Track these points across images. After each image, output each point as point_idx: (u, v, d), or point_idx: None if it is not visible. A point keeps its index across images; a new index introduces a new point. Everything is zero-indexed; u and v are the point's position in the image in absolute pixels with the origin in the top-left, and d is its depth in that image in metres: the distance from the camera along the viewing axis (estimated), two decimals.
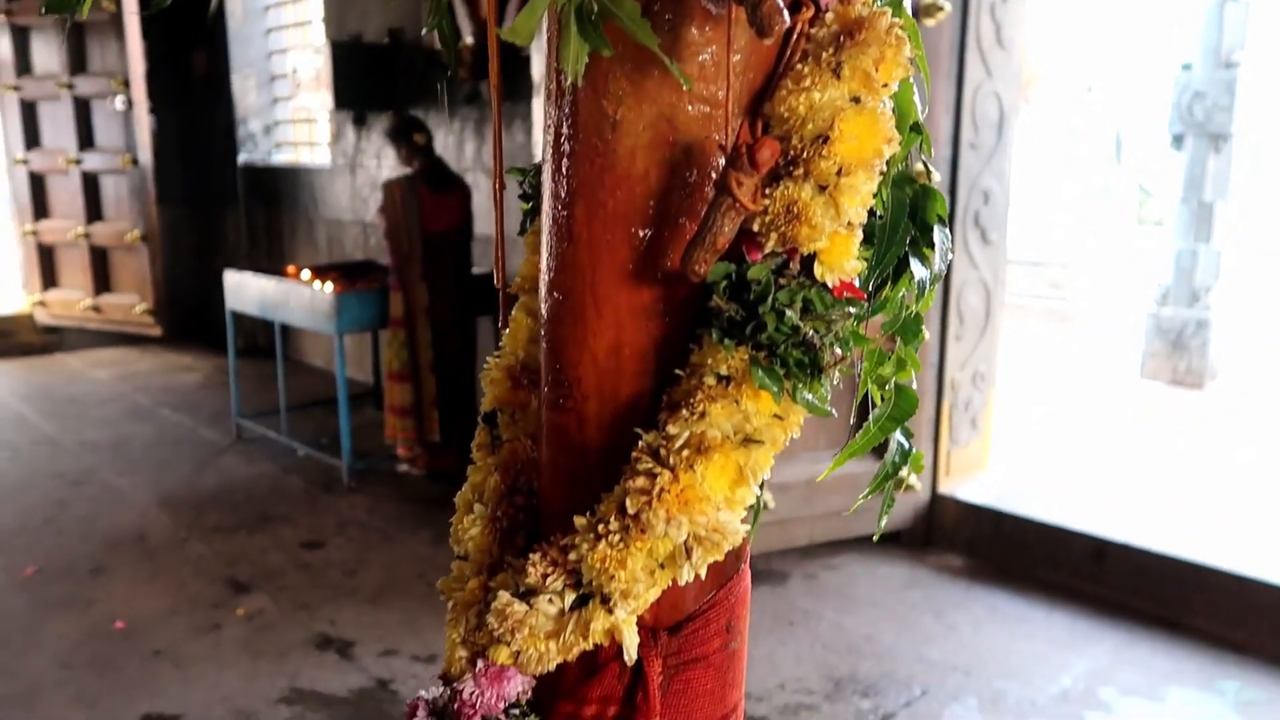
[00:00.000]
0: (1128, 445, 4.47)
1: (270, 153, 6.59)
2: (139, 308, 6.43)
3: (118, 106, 6.19)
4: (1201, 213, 5.69)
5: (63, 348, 6.88)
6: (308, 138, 6.36)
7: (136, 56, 6.06)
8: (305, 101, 5.66)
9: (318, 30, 5.85)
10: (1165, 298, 5.89)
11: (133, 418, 5.29)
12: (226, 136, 6.73)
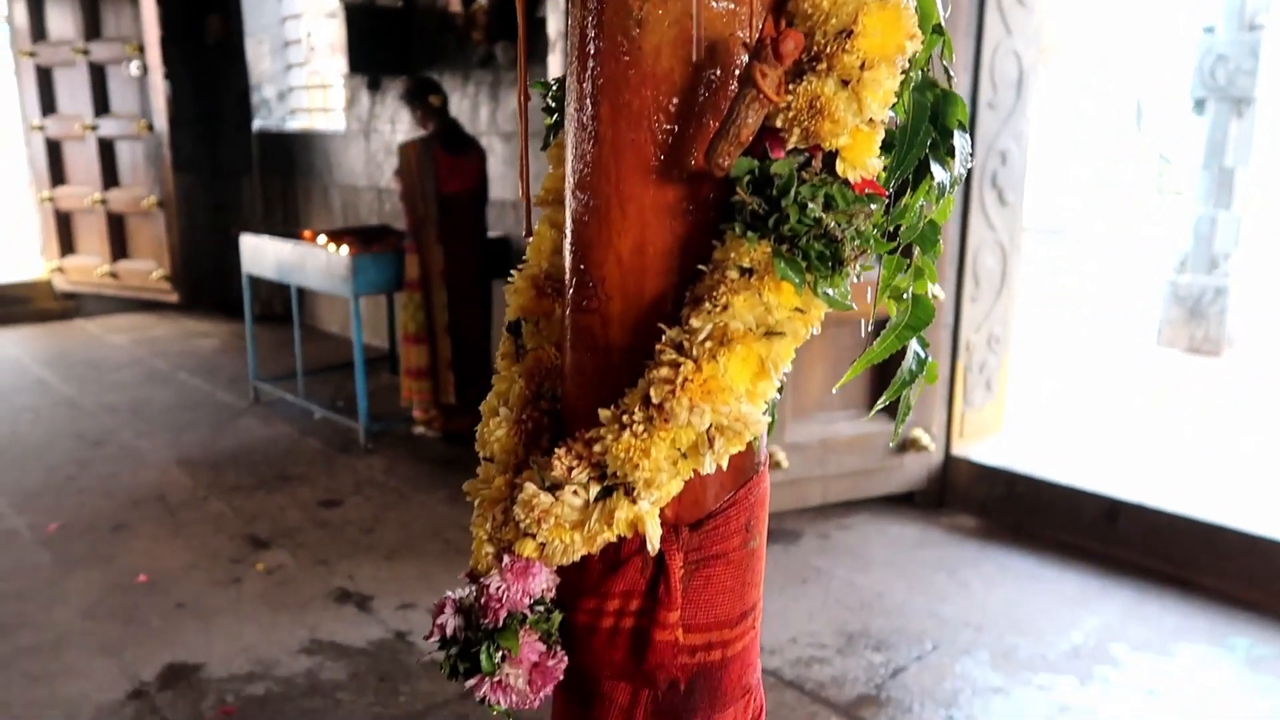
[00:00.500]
0: (1142, 410, 4.46)
1: (285, 119, 6.60)
2: (156, 273, 6.47)
3: (133, 72, 6.19)
4: (1222, 178, 5.63)
5: (81, 314, 6.94)
6: (322, 103, 6.35)
7: (151, 22, 6.06)
8: (319, 66, 5.66)
9: None
10: (1184, 265, 5.84)
11: (151, 381, 5.35)
12: (241, 103, 6.74)
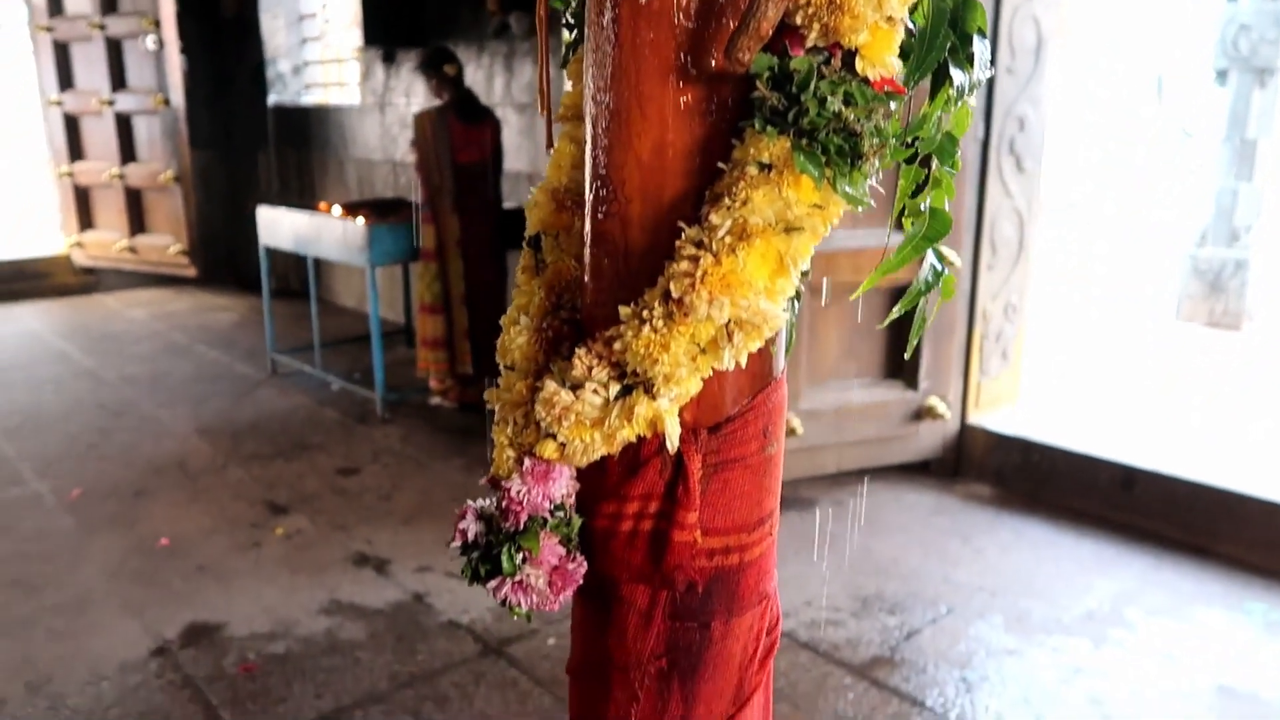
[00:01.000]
0: (1160, 382, 4.43)
1: (300, 93, 6.61)
2: (174, 248, 6.51)
3: (149, 46, 6.21)
4: (1244, 150, 5.57)
5: (100, 288, 7.00)
6: (337, 77, 6.36)
7: None
8: (334, 40, 5.66)
9: None
10: (1204, 238, 5.79)
11: (170, 354, 5.39)
12: (256, 77, 6.75)
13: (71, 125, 6.68)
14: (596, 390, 0.75)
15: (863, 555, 3.01)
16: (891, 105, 0.70)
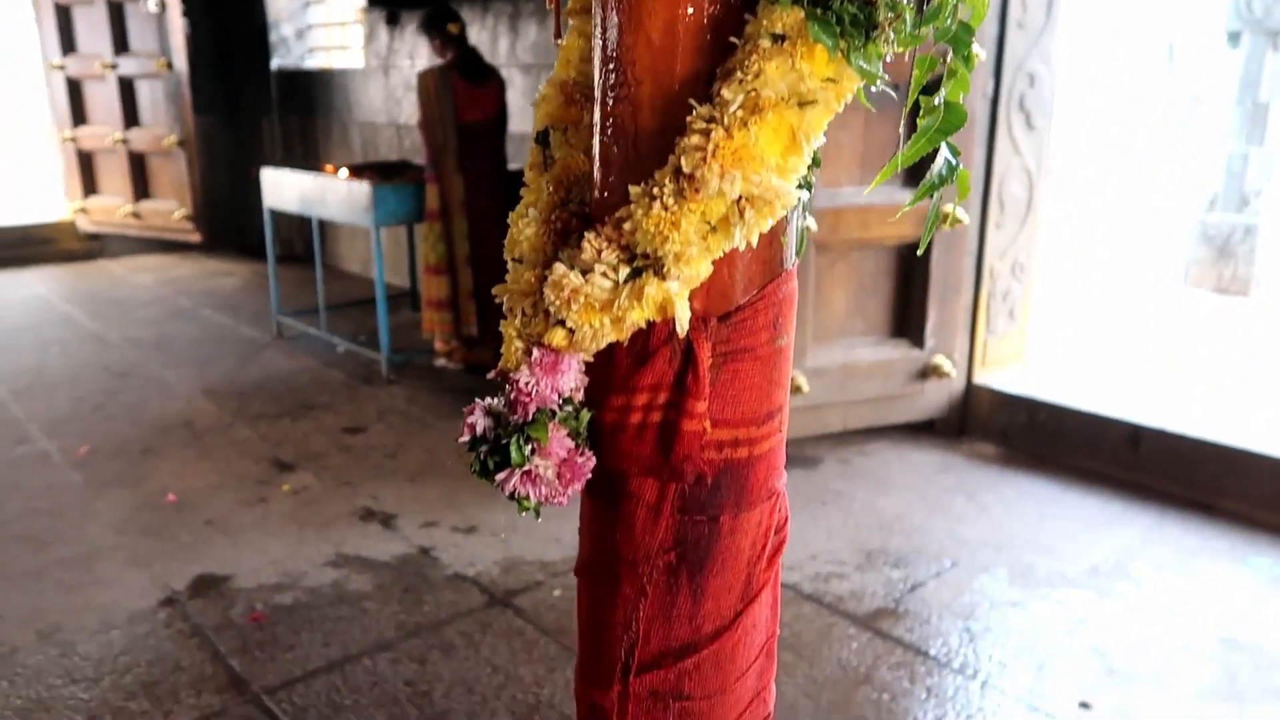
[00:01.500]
0: (1167, 343, 4.41)
1: (303, 57, 6.56)
2: (178, 214, 6.50)
3: (151, 9, 6.16)
4: (1256, 114, 5.51)
5: (105, 254, 7.00)
6: (340, 41, 6.31)
7: None
8: (337, 2, 5.61)
9: None
10: (1214, 203, 5.75)
11: (175, 318, 5.40)
12: (259, 41, 6.70)
13: (74, 90, 6.65)
14: (606, 273, 0.74)
15: (867, 511, 3.01)
16: None
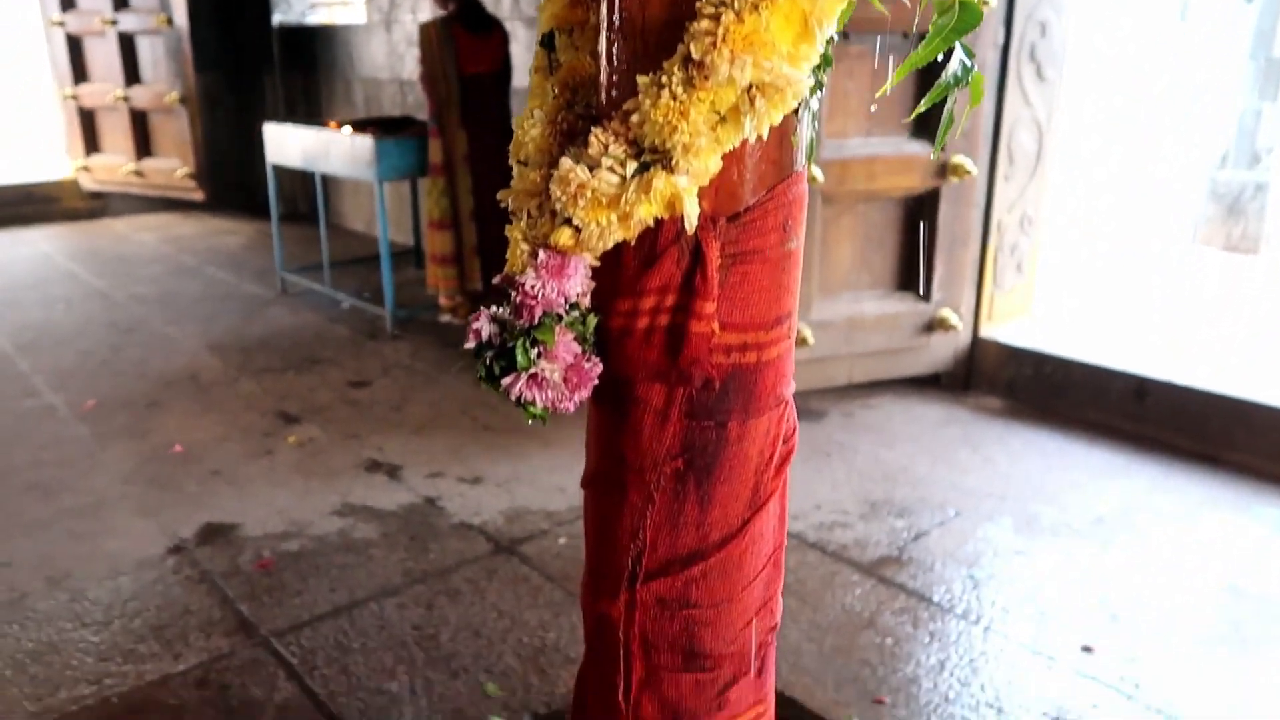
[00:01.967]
0: (1175, 298, 4.39)
1: (305, 13, 6.48)
2: (180, 172, 6.46)
3: None
4: (1269, 69, 5.43)
5: (107, 213, 6.98)
6: None
7: None
8: None
9: None
10: (1225, 160, 5.68)
11: (179, 275, 5.39)
12: None
13: (74, 46, 6.59)
14: (613, 168, 0.73)
15: (872, 463, 3.02)
16: None
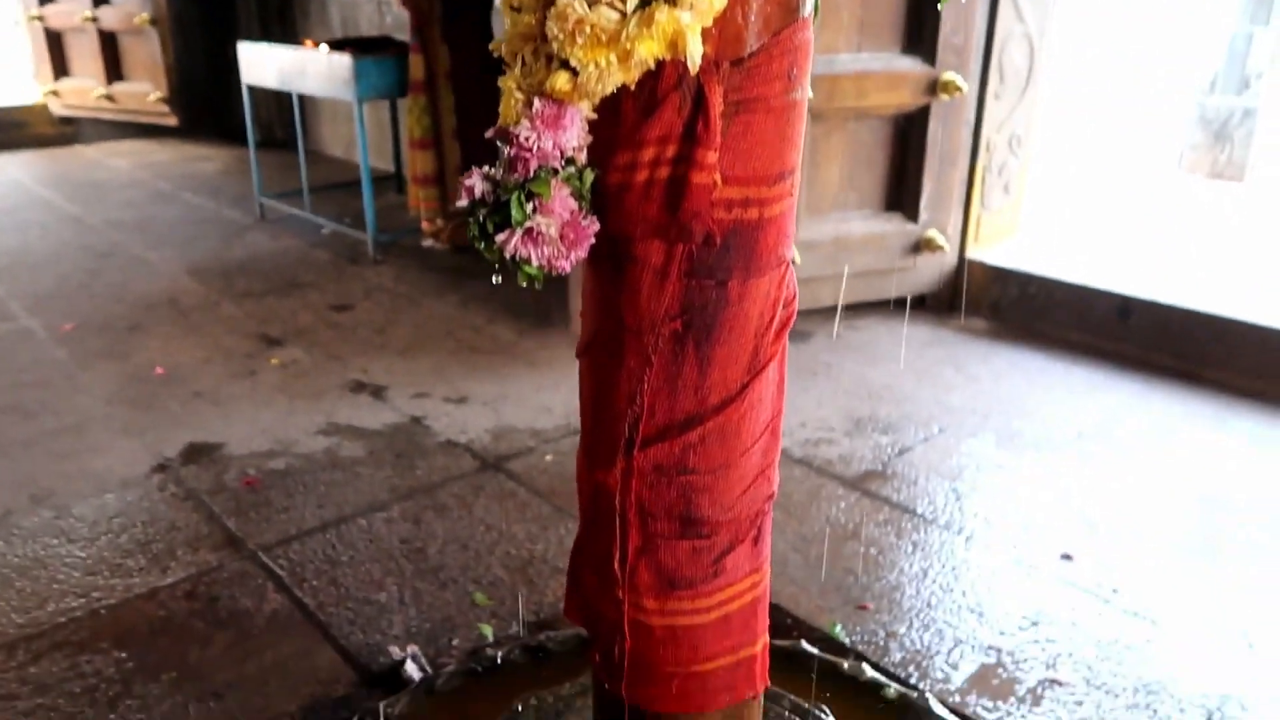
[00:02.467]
0: (1159, 222, 4.39)
1: None
2: (153, 96, 6.30)
3: None
4: None
5: (79, 139, 6.82)
6: None
7: None
8: None
9: None
10: (1213, 86, 5.64)
11: (155, 201, 5.29)
12: None
13: None
14: (613, 3, 0.70)
15: (856, 382, 3.03)
16: None
